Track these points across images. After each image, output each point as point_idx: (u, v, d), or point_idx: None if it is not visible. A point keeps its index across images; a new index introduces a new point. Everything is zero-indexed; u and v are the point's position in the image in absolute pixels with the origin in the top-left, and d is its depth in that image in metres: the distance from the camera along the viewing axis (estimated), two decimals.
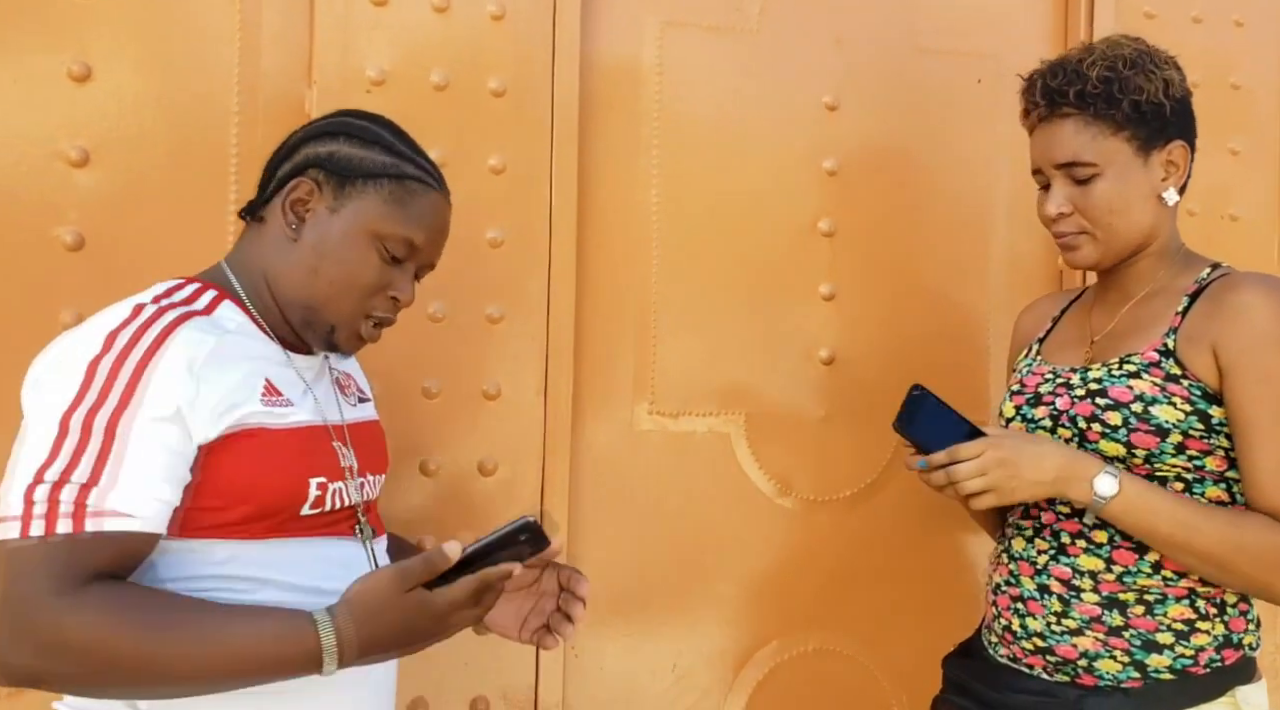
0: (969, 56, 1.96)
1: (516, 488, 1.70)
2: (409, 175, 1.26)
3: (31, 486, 1.05)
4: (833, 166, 1.89)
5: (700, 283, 1.83)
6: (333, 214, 1.23)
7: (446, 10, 1.69)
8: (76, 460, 1.06)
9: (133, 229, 1.55)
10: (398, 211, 1.24)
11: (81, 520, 1.05)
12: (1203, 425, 1.35)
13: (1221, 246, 2.05)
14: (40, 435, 1.07)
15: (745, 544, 1.85)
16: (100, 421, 1.07)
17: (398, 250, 1.25)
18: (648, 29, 1.80)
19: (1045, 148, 1.44)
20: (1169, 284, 1.45)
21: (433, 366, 1.68)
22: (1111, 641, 1.37)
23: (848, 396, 1.89)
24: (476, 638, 1.70)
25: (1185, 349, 1.36)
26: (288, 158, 1.27)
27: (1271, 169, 2.09)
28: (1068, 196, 1.43)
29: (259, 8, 1.61)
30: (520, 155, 1.72)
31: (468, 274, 1.69)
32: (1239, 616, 1.39)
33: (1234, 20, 2.08)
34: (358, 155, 1.24)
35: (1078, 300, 1.63)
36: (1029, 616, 1.43)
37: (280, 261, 1.24)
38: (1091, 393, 1.40)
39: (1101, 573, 1.38)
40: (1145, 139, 1.41)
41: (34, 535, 1.04)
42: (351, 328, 1.26)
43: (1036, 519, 1.46)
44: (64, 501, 1.05)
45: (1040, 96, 1.43)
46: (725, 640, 1.84)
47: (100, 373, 1.08)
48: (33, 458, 1.06)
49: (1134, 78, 1.39)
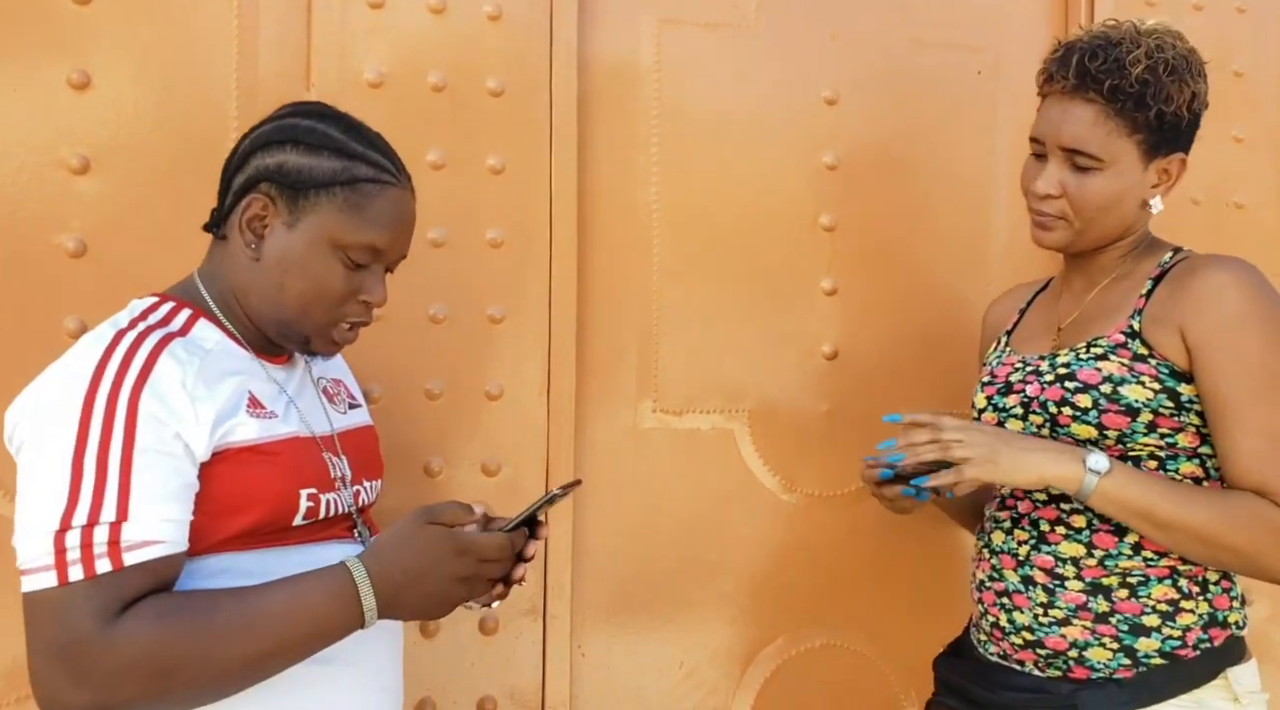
0: (967, 49, 1.95)
1: (520, 488, 1.70)
2: (361, 177, 1.23)
3: (60, 533, 1.05)
4: (833, 161, 1.88)
5: (702, 279, 1.83)
6: (290, 229, 1.21)
7: (443, 11, 1.69)
8: (100, 499, 1.06)
9: (135, 235, 1.56)
10: (355, 218, 1.22)
11: (119, 557, 1.06)
12: (1172, 403, 1.36)
13: (1227, 234, 2.05)
14: (52, 480, 1.07)
15: (750, 541, 1.85)
16: (114, 458, 1.07)
17: (361, 257, 1.23)
18: (645, 27, 1.80)
19: (1056, 124, 1.41)
20: (1133, 269, 1.46)
21: (434, 368, 1.68)
22: (1099, 629, 1.38)
23: (851, 391, 1.89)
24: (482, 638, 1.71)
25: (1151, 329, 1.37)
26: (240, 168, 1.24)
27: (1275, 156, 2.08)
28: (1061, 180, 1.42)
29: (256, 12, 1.61)
30: (519, 155, 1.72)
31: (469, 275, 1.70)
32: (1222, 594, 1.40)
33: (1236, 7, 2.06)
34: (307, 164, 1.21)
35: (1043, 291, 1.64)
36: (1015, 610, 1.43)
37: (246, 279, 1.23)
38: (1060, 377, 1.41)
39: (1083, 558, 1.39)
40: (1153, 147, 1.41)
41: (74, 580, 1.05)
42: (325, 336, 1.26)
43: (1014, 509, 1.47)
44: (98, 542, 1.06)
45: (1074, 73, 1.38)
46: (732, 637, 1.84)
47: (98, 408, 1.08)
48: (51, 504, 1.06)
49: (1169, 85, 1.37)
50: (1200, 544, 1.32)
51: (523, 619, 1.71)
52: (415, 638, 1.65)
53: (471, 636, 1.70)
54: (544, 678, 1.73)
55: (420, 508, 1.17)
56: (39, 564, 1.06)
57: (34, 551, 1.06)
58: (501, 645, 1.71)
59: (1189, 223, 2.02)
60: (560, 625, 1.72)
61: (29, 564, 1.06)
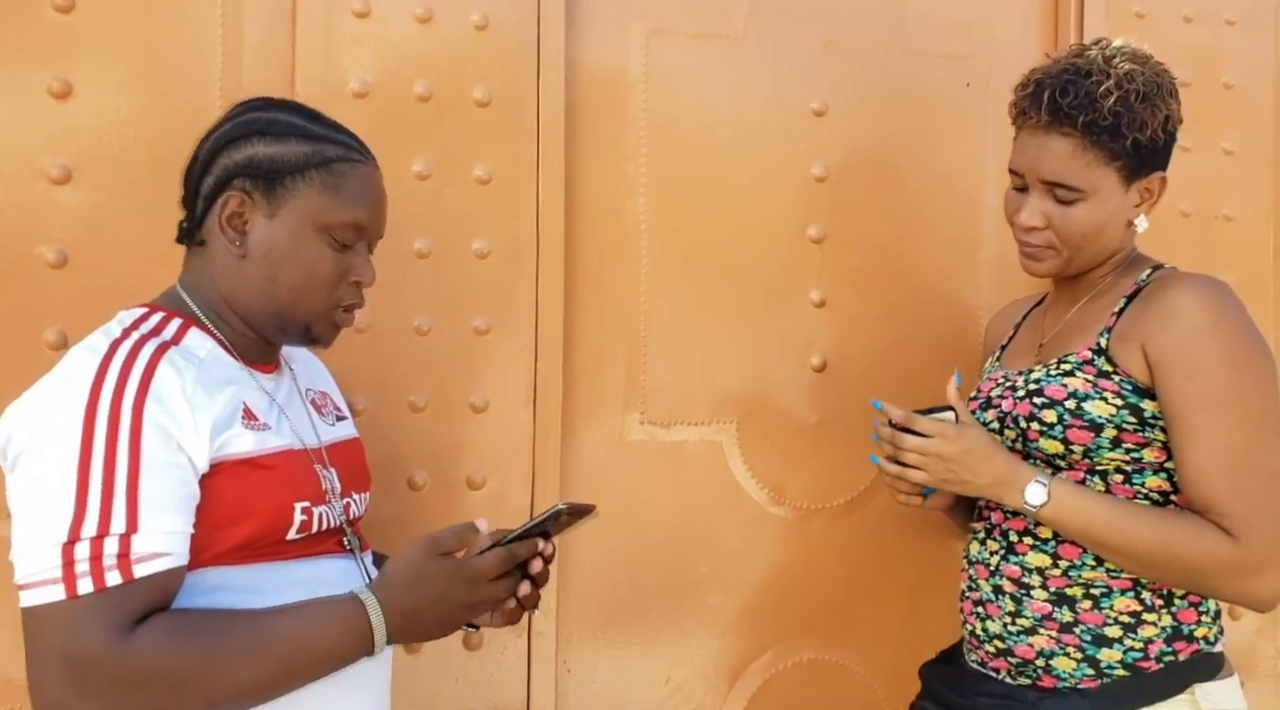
0: (957, 59, 1.94)
1: (506, 501, 1.69)
2: (333, 157, 1.23)
3: (68, 545, 1.04)
4: (821, 172, 1.87)
5: (690, 290, 1.82)
6: (272, 220, 1.21)
7: (430, 21, 1.68)
8: (108, 511, 1.05)
9: (117, 246, 1.54)
10: (335, 198, 1.22)
11: (129, 570, 1.05)
12: (1135, 419, 1.38)
13: (1217, 247, 2.05)
14: (57, 491, 1.05)
15: (738, 554, 1.84)
16: (120, 469, 1.06)
17: (347, 236, 1.24)
18: (633, 37, 1.79)
19: (1035, 159, 1.42)
20: (1111, 287, 1.48)
21: (419, 380, 1.67)
22: (1064, 638, 1.40)
23: (840, 403, 1.88)
24: (467, 653, 1.69)
25: (1117, 346, 1.40)
26: (206, 171, 1.23)
27: (1265, 168, 2.08)
28: (1045, 212, 1.44)
29: (240, 21, 1.60)
30: (506, 165, 1.71)
31: (454, 286, 1.68)
32: (1189, 608, 1.41)
33: (1225, 19, 2.06)
34: (277, 153, 1.21)
35: (1038, 306, 1.66)
36: (988, 619, 1.47)
37: (235, 279, 1.22)
38: (1030, 393, 1.44)
39: (1049, 569, 1.42)
40: (1133, 170, 1.42)
41: (83, 593, 1.04)
42: (326, 320, 1.25)
43: (987, 521, 1.50)
44: (108, 555, 1.04)
45: (1046, 110, 1.39)
46: (719, 651, 1.83)
47: (101, 418, 1.07)
48: (57, 516, 1.04)
49: (1143, 112, 1.38)
50: (1144, 566, 1.36)
51: (507, 634, 1.70)
52: (400, 654, 1.63)
53: (456, 652, 1.68)
54: (529, 693, 1.71)
55: (427, 538, 1.18)
56: (45, 577, 1.04)
57: (40, 564, 1.04)
58: (486, 661, 1.69)
59: (1178, 235, 2.01)
60: (545, 640, 1.71)
61: (33, 578, 1.05)
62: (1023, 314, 1.67)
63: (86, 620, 1.03)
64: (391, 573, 1.17)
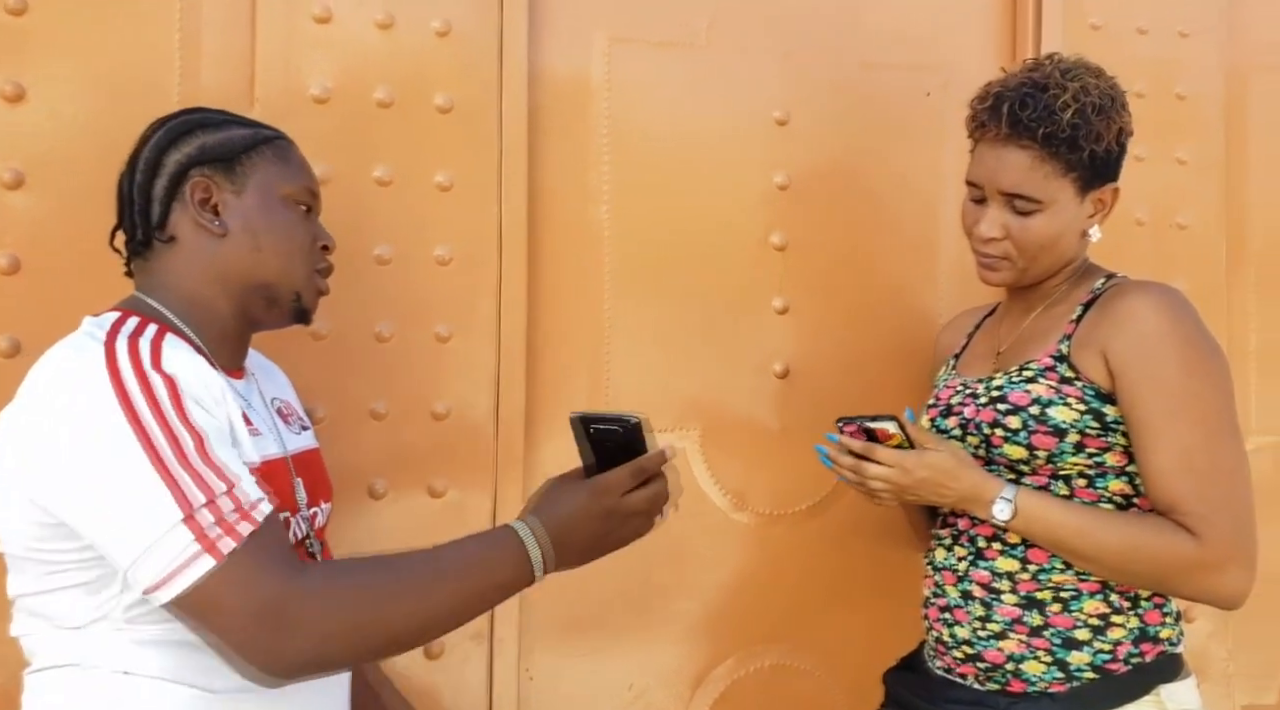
0: (917, 70, 1.96)
1: (467, 510, 1.68)
2: (267, 137, 1.30)
3: (188, 519, 1.04)
4: (783, 181, 1.89)
5: (653, 298, 1.82)
6: (240, 196, 1.25)
7: (391, 27, 1.67)
8: (201, 478, 1.06)
9: (70, 252, 1.52)
10: (286, 168, 1.29)
11: (251, 517, 1.07)
12: (1098, 424, 1.40)
13: (1171, 254, 2.08)
14: (141, 482, 1.04)
15: (701, 560, 1.84)
16: (186, 443, 1.07)
17: (307, 200, 1.30)
18: (596, 45, 1.79)
19: (993, 171, 1.45)
20: (1066, 296, 1.51)
21: (380, 388, 1.65)
22: (1034, 642, 1.42)
23: (803, 409, 1.89)
24: (428, 663, 1.68)
25: (1078, 353, 1.43)
26: (155, 174, 1.24)
27: (1216, 177, 2.11)
28: (1004, 223, 1.46)
29: (199, 25, 1.58)
30: (468, 172, 1.70)
31: (415, 292, 1.67)
32: (1154, 610, 1.44)
33: (1178, 31, 2.10)
34: (224, 137, 1.26)
35: (991, 315, 1.69)
36: (956, 625, 1.48)
37: (219, 260, 1.24)
38: (993, 399, 1.46)
39: (1018, 573, 1.44)
40: (1087, 182, 1.46)
41: (228, 552, 1.04)
42: (311, 286, 1.30)
43: (954, 527, 1.52)
44: (227, 512, 1.06)
45: (1006, 123, 1.42)
46: (682, 658, 1.83)
47: (147, 419, 1.06)
48: (159, 502, 1.04)
49: (1098, 125, 1.42)
50: (1114, 570, 1.39)
51: (468, 643, 1.69)
52: None
53: (416, 661, 1.67)
54: (491, 702, 1.70)
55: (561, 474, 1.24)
56: (186, 557, 1.03)
57: (170, 551, 1.03)
58: (447, 669, 1.68)
59: (1133, 243, 2.05)
60: (507, 648, 1.70)
61: (171, 565, 1.03)
62: (975, 323, 1.70)
63: (249, 571, 1.04)
64: (534, 500, 1.21)
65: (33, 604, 1.15)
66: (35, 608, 1.15)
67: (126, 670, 1.12)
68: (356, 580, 1.11)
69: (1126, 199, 1.63)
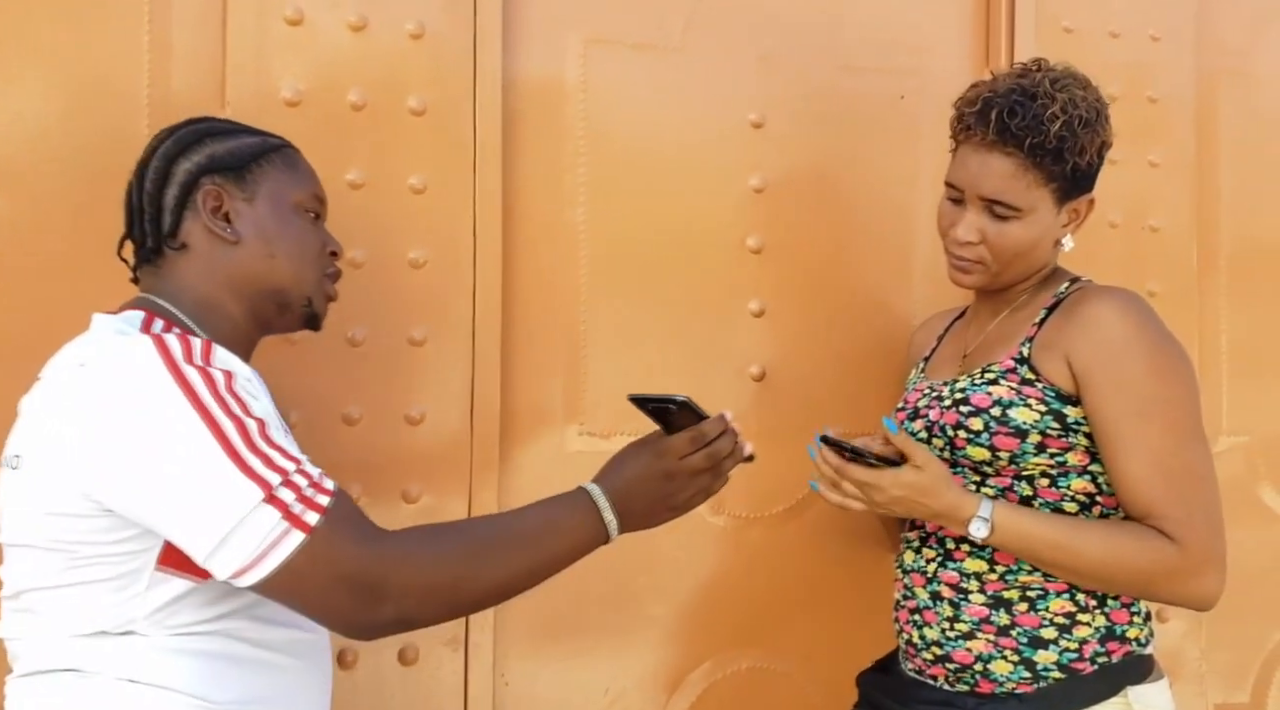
0: (892, 73, 1.97)
1: (442, 515, 1.66)
2: (275, 145, 1.33)
3: (269, 499, 1.06)
4: (759, 184, 1.89)
5: (629, 300, 1.82)
6: (252, 203, 1.27)
7: (363, 29, 1.66)
8: (270, 460, 1.08)
9: (38, 257, 1.50)
10: (295, 175, 1.32)
11: (325, 487, 1.11)
12: (1059, 425, 1.41)
13: (1143, 257, 2.09)
14: (216, 471, 1.06)
15: (678, 563, 1.83)
16: (251, 428, 1.09)
17: (315, 207, 1.34)
18: (571, 47, 1.79)
19: (976, 175, 1.45)
20: (1031, 299, 1.53)
21: (353, 392, 1.64)
22: (1001, 641, 1.43)
23: (779, 412, 1.89)
24: (402, 670, 1.67)
25: (1039, 355, 1.44)
26: (165, 183, 1.26)
27: (1189, 180, 2.13)
28: (981, 228, 1.46)
29: (168, 28, 1.57)
30: (442, 174, 1.70)
31: (389, 296, 1.66)
32: (1121, 609, 1.45)
33: (1150, 35, 2.11)
34: (233, 146, 1.28)
35: (960, 318, 1.70)
36: (925, 626, 1.49)
37: (232, 267, 1.26)
38: (956, 402, 1.47)
39: (986, 573, 1.45)
40: (1066, 192, 1.47)
41: (314, 523, 1.07)
42: (322, 292, 1.33)
43: (922, 529, 1.53)
44: (303, 486, 1.09)
45: (994, 130, 1.41)
46: (658, 662, 1.83)
47: (212, 406, 1.08)
48: (237, 487, 1.06)
49: (1084, 138, 1.42)
50: (1094, 579, 1.40)
51: (443, 649, 1.68)
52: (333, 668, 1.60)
53: (391, 667, 1.66)
54: (466, 707, 1.69)
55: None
56: (275, 535, 1.05)
57: (260, 531, 1.05)
58: (422, 676, 1.67)
59: (1106, 245, 2.06)
60: (483, 654, 1.69)
61: (262, 545, 1.05)
62: (945, 326, 1.71)
63: (336, 541, 1.08)
64: (606, 465, 1.27)
65: (38, 601, 1.14)
66: (38, 606, 1.14)
67: (131, 678, 1.11)
68: (438, 545, 1.15)
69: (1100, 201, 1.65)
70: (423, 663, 1.67)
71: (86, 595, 1.11)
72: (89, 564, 1.11)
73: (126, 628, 1.11)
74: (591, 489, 1.23)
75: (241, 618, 1.16)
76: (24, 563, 1.14)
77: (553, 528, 1.20)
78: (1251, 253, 2.18)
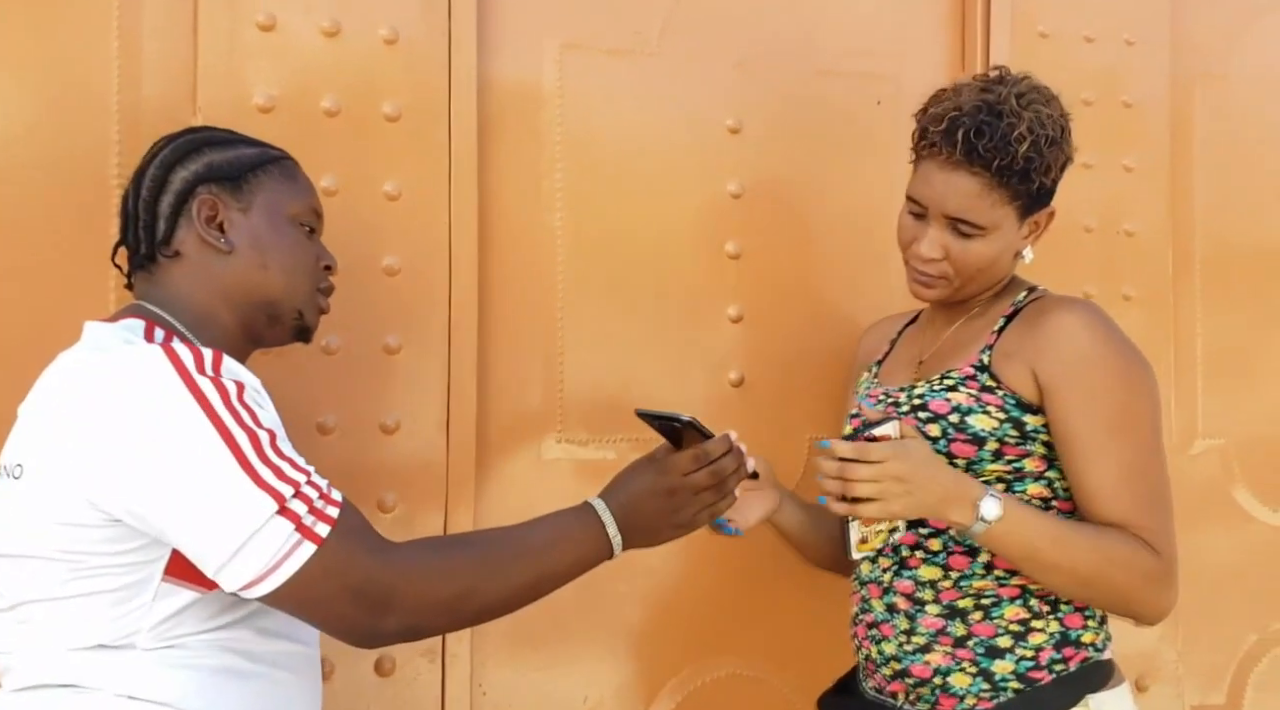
0: (868, 78, 1.97)
1: (418, 525, 1.66)
2: (274, 156, 1.32)
3: (282, 510, 1.06)
4: (737, 189, 1.88)
5: (606, 306, 1.81)
6: (247, 213, 1.27)
7: (337, 35, 1.64)
8: (280, 473, 1.08)
9: (6, 266, 1.48)
10: (292, 187, 1.32)
11: (335, 499, 1.12)
12: (1017, 432, 1.41)
13: (1119, 261, 2.10)
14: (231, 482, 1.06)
15: (655, 570, 1.83)
16: (263, 439, 1.10)
17: (311, 221, 1.33)
18: (547, 52, 1.78)
19: (940, 194, 1.43)
20: (989, 308, 1.52)
21: (327, 401, 1.63)
22: (959, 653, 1.42)
23: (758, 417, 1.89)
24: (379, 681, 1.66)
25: (1000, 363, 1.43)
26: (161, 191, 1.26)
27: (1163, 184, 2.14)
28: (944, 245, 1.45)
29: (138, 33, 1.55)
30: (417, 181, 1.68)
31: (363, 303, 1.65)
32: (1074, 613, 1.44)
33: (1124, 39, 2.12)
34: (231, 156, 1.28)
35: (913, 323, 1.69)
36: (883, 640, 1.47)
37: (225, 276, 1.25)
38: (915, 407, 1.46)
39: (940, 581, 1.44)
40: (1028, 208, 1.46)
41: (325, 535, 1.08)
42: (313, 305, 1.33)
43: None
44: (315, 499, 1.09)
45: (960, 150, 1.39)
46: (637, 670, 1.82)
47: (225, 417, 1.08)
48: (249, 498, 1.06)
49: (1050, 157, 1.41)
50: (1083, 584, 1.36)
51: (420, 660, 1.66)
52: None
53: (368, 678, 1.64)
54: None
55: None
56: (288, 547, 1.06)
57: (273, 543, 1.06)
58: (399, 687, 1.66)
59: (1081, 250, 2.07)
60: (460, 664, 1.68)
61: (276, 556, 1.06)
62: (897, 330, 1.70)
63: (346, 553, 1.08)
64: (612, 481, 1.27)
65: (38, 612, 1.12)
66: (36, 617, 1.12)
67: (131, 694, 1.10)
68: (445, 557, 1.16)
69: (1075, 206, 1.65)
70: (400, 673, 1.66)
71: (88, 607, 1.10)
72: (94, 575, 1.10)
73: (127, 641, 1.10)
74: (596, 504, 1.24)
75: (241, 628, 1.16)
76: (22, 573, 1.13)
77: (558, 541, 1.21)
78: (1226, 256, 2.20)
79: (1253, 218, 2.22)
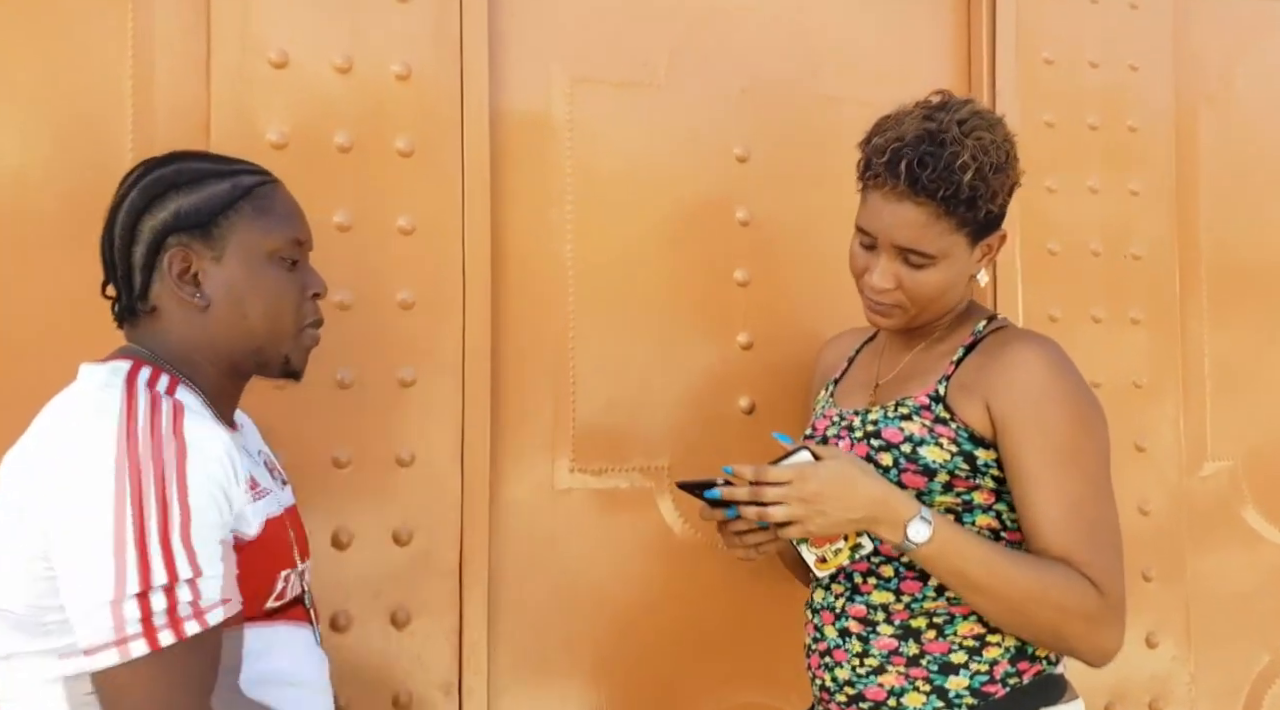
0: (875, 105, 1.95)
1: (434, 556, 1.66)
2: (251, 185, 1.25)
3: (142, 596, 1.02)
4: (745, 217, 1.89)
5: (618, 336, 1.82)
6: (220, 262, 1.21)
7: (349, 71, 1.66)
8: (171, 562, 1.04)
9: (18, 305, 1.49)
10: (267, 222, 1.24)
11: (201, 614, 1.05)
12: (968, 466, 1.40)
13: (1126, 285, 2.11)
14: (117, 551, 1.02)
15: (673, 599, 1.83)
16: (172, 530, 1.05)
17: (293, 253, 1.26)
18: (557, 86, 1.79)
19: (889, 225, 1.42)
20: (948, 335, 1.51)
21: (342, 434, 1.63)
22: (912, 672, 1.41)
23: (769, 445, 1.88)
24: None
25: (956, 395, 1.43)
26: (133, 241, 1.21)
27: (1169, 207, 2.15)
28: (896, 274, 1.44)
29: (152, 71, 1.56)
30: (430, 215, 1.69)
31: (378, 337, 1.66)
32: None
33: (1129, 65, 2.13)
34: (200, 198, 1.21)
35: (871, 341, 1.68)
36: (836, 667, 1.46)
37: (205, 332, 1.21)
38: (868, 434, 1.46)
39: (893, 604, 1.43)
40: (978, 234, 1.45)
41: (164, 645, 1.03)
42: (300, 346, 1.28)
43: None
44: (179, 601, 1.04)
45: (905, 181, 1.38)
46: (654, 699, 1.82)
47: (148, 486, 1.04)
48: (123, 571, 1.02)
49: (995, 184, 1.41)
50: (1015, 611, 1.34)
51: (437, 693, 1.66)
52: None
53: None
54: None
55: None
56: (126, 633, 1.02)
57: (115, 620, 1.02)
58: None
59: (1088, 274, 2.08)
60: (476, 698, 1.68)
61: (111, 635, 1.02)
62: (855, 348, 1.69)
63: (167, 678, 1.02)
64: None
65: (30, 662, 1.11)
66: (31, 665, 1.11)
67: None
68: None
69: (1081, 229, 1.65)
70: (416, 708, 1.66)
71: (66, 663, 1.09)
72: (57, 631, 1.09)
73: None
74: None
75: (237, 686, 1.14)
76: (3, 625, 1.12)
77: None
78: (1232, 277, 2.21)
79: (1259, 239, 2.23)
